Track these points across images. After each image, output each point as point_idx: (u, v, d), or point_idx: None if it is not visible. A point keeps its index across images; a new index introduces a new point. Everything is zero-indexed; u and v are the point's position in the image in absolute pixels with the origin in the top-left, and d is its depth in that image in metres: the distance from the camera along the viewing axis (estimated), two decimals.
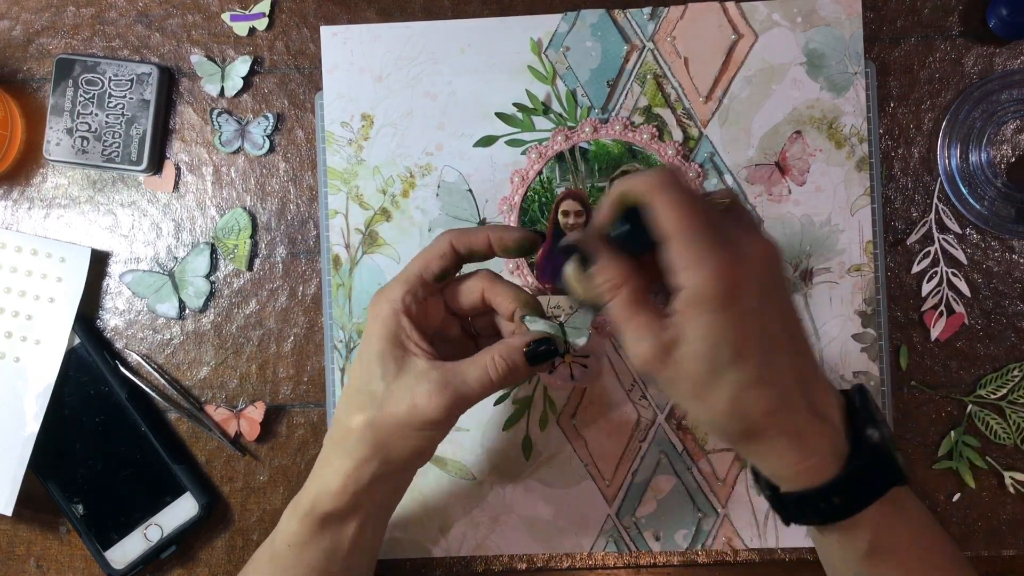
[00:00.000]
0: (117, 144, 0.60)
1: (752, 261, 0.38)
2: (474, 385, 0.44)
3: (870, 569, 0.42)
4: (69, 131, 0.60)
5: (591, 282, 0.41)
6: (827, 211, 0.59)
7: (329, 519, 0.47)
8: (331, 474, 0.46)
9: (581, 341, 0.46)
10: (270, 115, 0.61)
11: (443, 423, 0.45)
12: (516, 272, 0.60)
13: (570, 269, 0.43)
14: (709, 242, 0.37)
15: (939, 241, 0.60)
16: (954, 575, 0.43)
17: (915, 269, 0.60)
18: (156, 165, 0.62)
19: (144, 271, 0.62)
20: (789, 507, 0.41)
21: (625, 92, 0.60)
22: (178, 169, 0.62)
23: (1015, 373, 0.59)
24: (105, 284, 0.62)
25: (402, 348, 0.45)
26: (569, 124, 0.60)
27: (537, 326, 0.46)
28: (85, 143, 0.60)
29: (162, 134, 0.62)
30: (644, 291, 0.40)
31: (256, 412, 0.60)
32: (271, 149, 0.61)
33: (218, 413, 0.61)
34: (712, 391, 0.38)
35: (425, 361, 0.45)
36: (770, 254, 0.40)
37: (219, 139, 0.61)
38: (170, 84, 0.62)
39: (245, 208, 0.62)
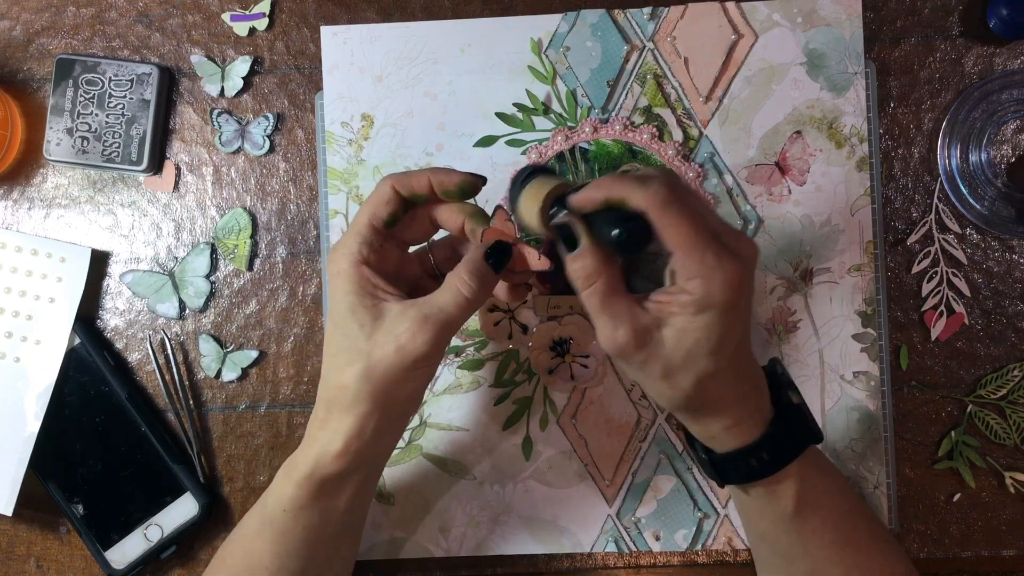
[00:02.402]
0: (117, 144, 0.60)
1: (748, 265, 0.42)
2: (451, 309, 0.45)
3: (798, 526, 0.46)
4: (69, 131, 0.60)
5: (571, 264, 0.44)
6: (827, 211, 0.59)
7: (330, 482, 0.47)
8: (331, 435, 0.46)
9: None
10: (270, 115, 0.61)
11: (432, 356, 0.45)
12: None
13: (529, 214, 0.45)
14: (714, 255, 0.41)
15: (939, 241, 0.60)
16: (872, 533, 0.48)
17: (915, 269, 0.60)
18: (156, 165, 0.62)
19: (144, 271, 0.62)
20: (725, 466, 0.46)
21: (625, 92, 0.60)
22: (178, 169, 0.62)
23: (1015, 373, 0.59)
24: (105, 284, 0.62)
25: (372, 297, 0.45)
26: (569, 124, 0.60)
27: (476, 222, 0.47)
28: (85, 143, 0.60)
29: (162, 134, 0.62)
30: (619, 278, 0.43)
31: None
32: (271, 149, 0.61)
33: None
34: (680, 374, 0.42)
35: (397, 303, 0.45)
36: (755, 254, 0.43)
37: (219, 139, 0.61)
38: (170, 84, 0.62)
39: (245, 208, 0.62)
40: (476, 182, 0.47)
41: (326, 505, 0.48)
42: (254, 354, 0.61)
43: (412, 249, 0.51)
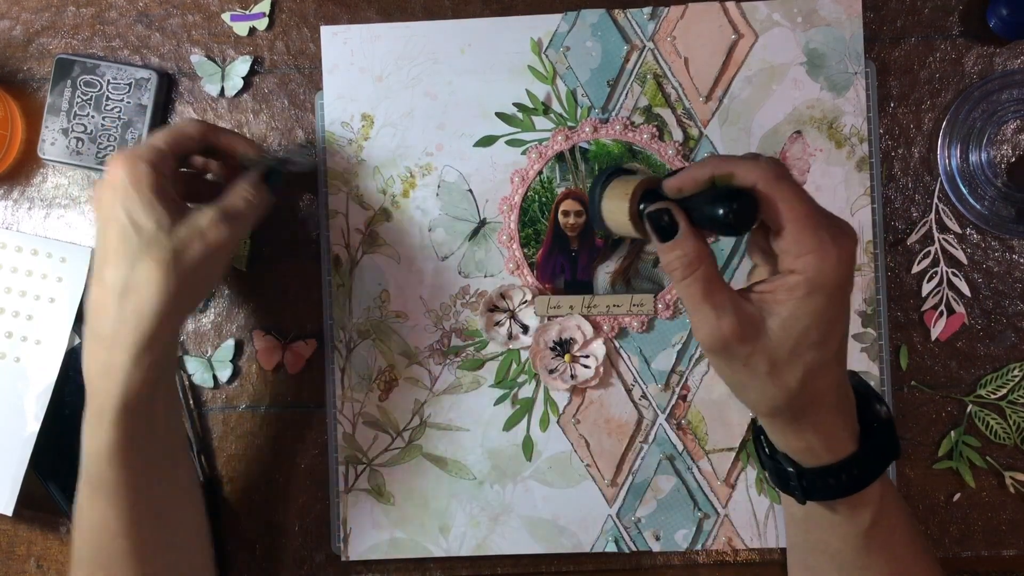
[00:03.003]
0: (112, 147, 0.60)
1: (855, 247, 0.41)
2: (243, 210, 0.51)
3: (867, 543, 0.45)
4: (64, 131, 0.60)
5: (668, 254, 0.42)
6: None
7: (143, 403, 0.46)
8: (132, 352, 0.45)
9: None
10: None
11: (229, 245, 0.49)
12: (516, 272, 0.60)
13: (619, 211, 0.45)
14: (829, 231, 0.40)
15: (939, 241, 0.60)
16: (930, 561, 0.47)
17: (915, 269, 0.60)
18: None
19: None
20: (812, 483, 0.44)
21: (625, 92, 0.60)
22: None
23: (1015, 373, 0.59)
24: None
25: (169, 199, 0.48)
26: (569, 124, 0.60)
27: (258, 166, 0.54)
28: (80, 144, 0.60)
29: None
30: (718, 269, 0.42)
31: (306, 348, 0.61)
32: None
33: (265, 340, 0.61)
34: (786, 369, 0.41)
35: (194, 206, 0.49)
36: (857, 238, 0.42)
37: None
38: (168, 89, 0.62)
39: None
40: (256, 152, 0.55)
41: (144, 432, 0.46)
42: (230, 343, 0.61)
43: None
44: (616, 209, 0.45)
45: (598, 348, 0.59)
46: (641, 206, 0.45)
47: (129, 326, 0.46)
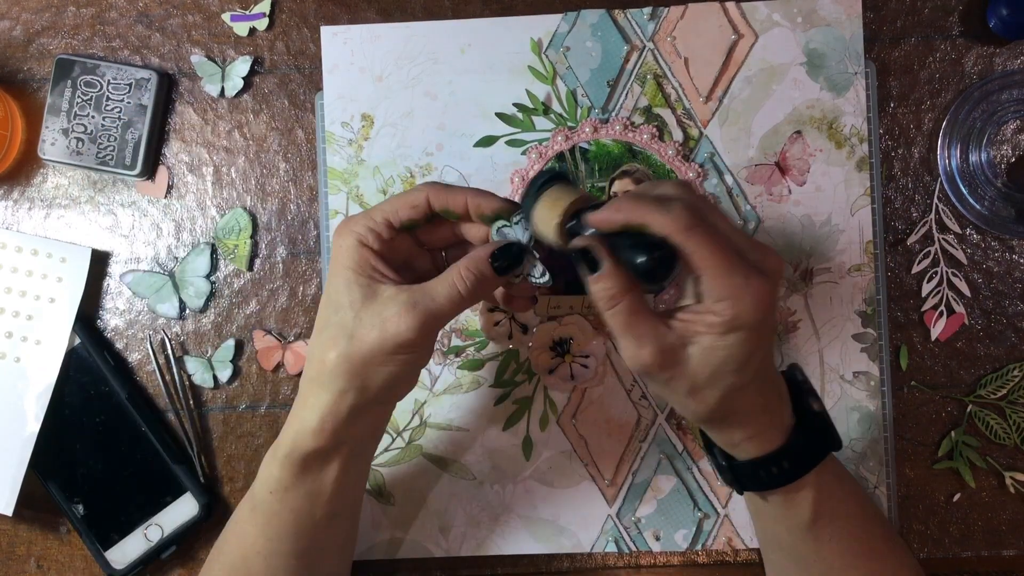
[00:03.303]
0: (112, 147, 0.60)
1: (775, 281, 0.42)
2: (443, 301, 0.44)
3: (815, 534, 0.46)
4: (65, 132, 0.60)
5: (593, 285, 0.43)
6: (827, 211, 0.59)
7: (310, 460, 0.46)
8: (308, 412, 0.46)
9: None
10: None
11: (416, 344, 0.44)
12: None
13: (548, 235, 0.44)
14: (742, 275, 0.41)
15: (939, 241, 0.60)
16: (887, 540, 0.48)
17: (915, 269, 0.60)
18: (150, 170, 0.62)
19: (144, 271, 0.62)
20: (745, 474, 0.46)
21: (625, 92, 0.60)
22: (171, 175, 0.62)
23: (1015, 373, 0.59)
24: (105, 284, 0.62)
25: (367, 276, 0.45)
26: (569, 124, 0.60)
27: (505, 233, 0.46)
28: (80, 144, 0.60)
29: (158, 139, 0.62)
30: (642, 299, 0.43)
31: (306, 348, 0.60)
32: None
33: (265, 340, 0.61)
34: (707, 390, 0.43)
35: (392, 286, 0.45)
36: (782, 267, 0.43)
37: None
38: (168, 89, 0.62)
39: (245, 208, 0.62)
40: (513, 210, 0.46)
41: (311, 488, 0.47)
42: (230, 343, 0.61)
43: None
44: (544, 222, 0.44)
45: (597, 348, 0.59)
46: (569, 224, 0.44)
47: (315, 386, 0.46)
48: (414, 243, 0.49)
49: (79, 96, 0.60)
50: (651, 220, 0.41)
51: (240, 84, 0.61)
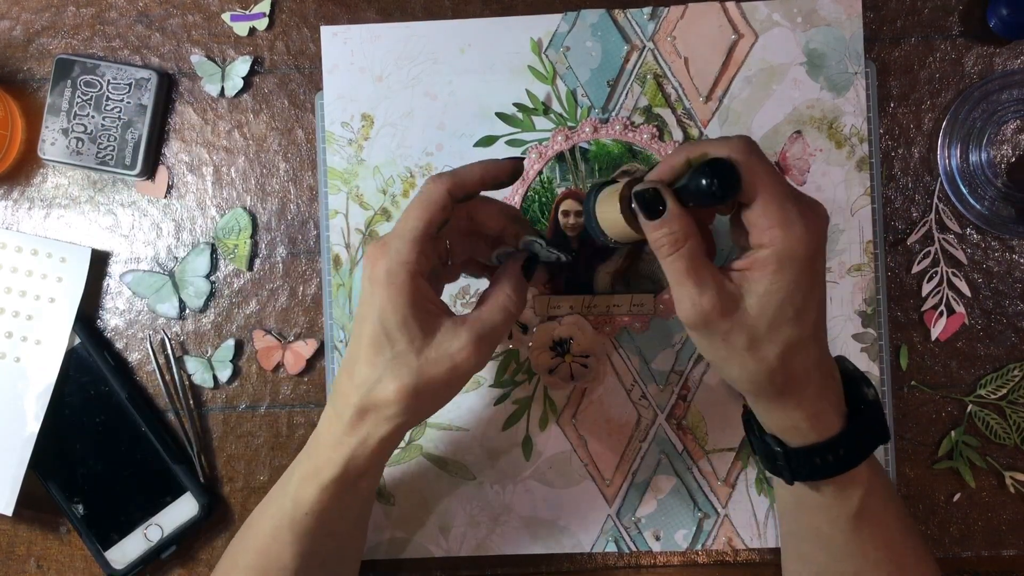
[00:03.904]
0: (112, 147, 0.60)
1: (824, 224, 0.42)
2: (500, 327, 0.47)
3: (856, 526, 0.45)
4: (64, 131, 0.60)
5: (656, 231, 0.43)
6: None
7: (355, 484, 0.47)
8: (363, 441, 0.46)
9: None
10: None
11: (479, 369, 0.47)
12: None
13: (611, 205, 0.45)
14: (797, 206, 0.41)
15: (939, 241, 0.60)
16: (918, 541, 0.48)
17: (915, 269, 0.60)
18: (150, 170, 0.62)
19: (144, 271, 0.62)
20: (799, 462, 0.44)
21: (625, 92, 0.60)
22: (171, 174, 0.62)
23: (1015, 373, 0.59)
24: (105, 284, 0.62)
25: (425, 311, 0.45)
26: (569, 124, 0.60)
27: (529, 243, 0.50)
28: (80, 144, 0.60)
29: (158, 139, 0.62)
30: (703, 245, 0.43)
31: (306, 348, 0.61)
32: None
33: (265, 340, 0.61)
34: (765, 344, 0.42)
35: (448, 319, 0.46)
36: (828, 218, 0.43)
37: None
38: (168, 89, 0.62)
39: (245, 208, 0.62)
40: (521, 165, 0.48)
41: (347, 504, 0.48)
42: (230, 343, 0.61)
43: None
44: (609, 210, 0.46)
45: (598, 348, 0.59)
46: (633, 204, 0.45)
47: (373, 418, 0.46)
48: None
49: (79, 96, 0.60)
50: (711, 148, 0.42)
51: (240, 84, 0.61)
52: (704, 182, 0.41)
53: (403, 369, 0.45)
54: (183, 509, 0.60)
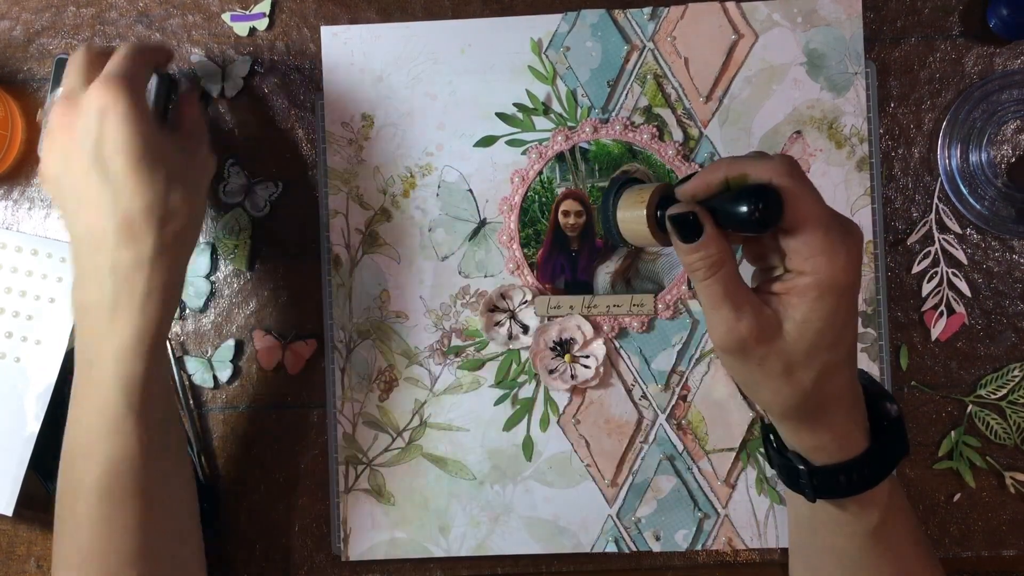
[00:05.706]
0: None
1: (862, 246, 0.41)
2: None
3: (874, 542, 0.45)
4: None
5: (692, 255, 0.41)
6: None
7: (159, 341, 0.49)
8: (163, 287, 0.48)
9: None
10: (279, 183, 0.61)
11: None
12: (516, 272, 0.60)
13: (637, 220, 0.44)
14: (840, 231, 0.40)
15: (939, 241, 0.60)
16: (934, 557, 0.48)
17: (915, 269, 0.60)
18: None
19: None
20: (822, 480, 0.44)
21: (625, 92, 0.60)
22: None
23: (1015, 373, 0.59)
24: None
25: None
26: (569, 124, 0.60)
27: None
28: None
29: None
30: (737, 269, 0.42)
31: (306, 348, 0.61)
32: (271, 214, 0.61)
33: (265, 340, 0.61)
34: (801, 370, 0.41)
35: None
36: (862, 236, 0.42)
37: (224, 189, 0.61)
38: (169, 89, 0.62)
39: (245, 208, 0.62)
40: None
41: (162, 363, 0.50)
42: (230, 343, 0.61)
43: None
44: (633, 218, 0.44)
45: (598, 348, 0.59)
46: (659, 212, 0.44)
47: (172, 250, 0.48)
48: None
49: None
50: (751, 169, 0.40)
51: (240, 84, 0.61)
52: (745, 210, 0.39)
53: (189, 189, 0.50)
54: None
